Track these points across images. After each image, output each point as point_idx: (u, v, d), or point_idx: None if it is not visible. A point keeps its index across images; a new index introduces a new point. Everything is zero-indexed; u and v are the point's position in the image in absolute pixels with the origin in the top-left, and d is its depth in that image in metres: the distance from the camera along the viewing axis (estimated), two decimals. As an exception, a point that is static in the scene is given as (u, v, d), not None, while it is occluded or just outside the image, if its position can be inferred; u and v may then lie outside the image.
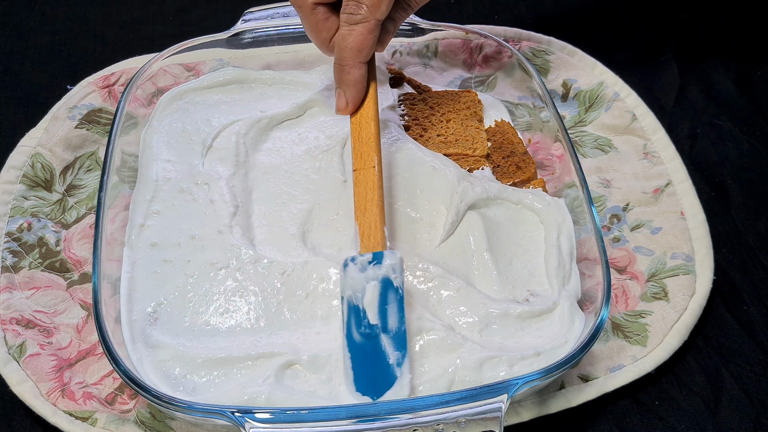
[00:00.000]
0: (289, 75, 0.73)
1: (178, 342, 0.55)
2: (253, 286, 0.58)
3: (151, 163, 0.65)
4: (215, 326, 0.57)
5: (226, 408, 0.48)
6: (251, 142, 0.67)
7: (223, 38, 0.72)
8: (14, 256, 0.64)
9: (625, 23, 0.87)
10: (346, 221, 0.62)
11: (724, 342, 0.63)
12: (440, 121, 0.72)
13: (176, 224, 0.61)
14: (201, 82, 0.72)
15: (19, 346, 0.59)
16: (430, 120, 0.72)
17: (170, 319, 0.57)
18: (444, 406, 0.48)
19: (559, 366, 0.51)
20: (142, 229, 0.61)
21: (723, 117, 0.78)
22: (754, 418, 0.59)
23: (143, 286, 0.58)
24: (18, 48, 0.82)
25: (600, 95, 0.76)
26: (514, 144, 0.71)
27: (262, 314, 0.57)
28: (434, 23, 0.74)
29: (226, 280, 0.58)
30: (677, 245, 0.66)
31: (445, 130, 0.71)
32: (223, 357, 0.54)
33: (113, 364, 0.51)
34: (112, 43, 0.83)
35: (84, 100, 0.73)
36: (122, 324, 0.56)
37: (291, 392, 0.52)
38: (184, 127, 0.68)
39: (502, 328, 0.57)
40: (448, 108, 0.73)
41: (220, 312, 0.57)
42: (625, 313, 0.62)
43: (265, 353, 0.54)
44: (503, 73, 0.76)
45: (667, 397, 0.60)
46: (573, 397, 0.58)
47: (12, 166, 0.68)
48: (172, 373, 0.54)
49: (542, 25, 0.82)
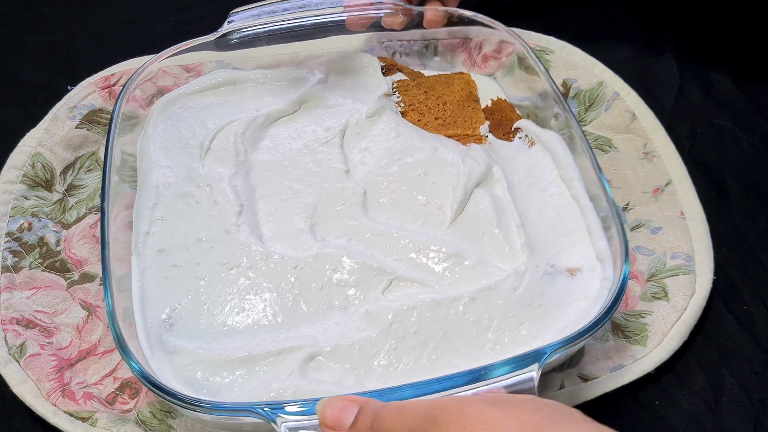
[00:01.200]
0: (280, 72, 0.73)
1: (196, 345, 0.55)
2: (267, 282, 0.58)
3: (150, 171, 0.65)
4: (232, 326, 0.57)
5: (256, 405, 0.47)
6: (249, 141, 0.67)
7: (224, 38, 0.71)
8: (15, 256, 0.64)
9: (625, 23, 0.87)
10: (353, 210, 0.62)
11: (724, 342, 0.63)
12: (436, 105, 0.72)
13: (182, 228, 0.61)
14: (192, 86, 0.72)
15: (20, 346, 0.59)
16: (426, 104, 0.72)
17: (186, 323, 0.57)
18: (476, 382, 0.48)
19: (586, 331, 0.51)
20: (147, 236, 0.61)
21: (723, 117, 0.78)
22: (754, 418, 0.59)
23: (155, 293, 0.58)
24: (18, 48, 0.82)
25: (600, 95, 0.76)
26: (513, 120, 0.71)
27: (279, 310, 0.57)
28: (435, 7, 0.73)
29: (239, 279, 0.58)
30: (677, 245, 0.66)
31: (442, 112, 0.71)
32: (243, 356, 0.54)
33: (139, 376, 0.50)
34: (112, 43, 0.83)
35: (84, 101, 0.73)
36: (138, 332, 0.56)
37: (317, 384, 0.53)
38: (180, 132, 0.68)
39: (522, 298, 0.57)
40: (443, 90, 0.73)
41: (235, 312, 0.57)
42: (625, 313, 0.62)
43: (286, 348, 0.54)
44: (502, 72, 0.76)
45: (667, 396, 0.60)
46: (573, 397, 0.58)
47: (12, 166, 0.68)
48: (194, 377, 0.54)
49: (542, 25, 0.82)
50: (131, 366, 0.50)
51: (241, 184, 0.64)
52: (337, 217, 0.62)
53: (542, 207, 0.63)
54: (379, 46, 0.77)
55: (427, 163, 0.65)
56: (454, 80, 0.74)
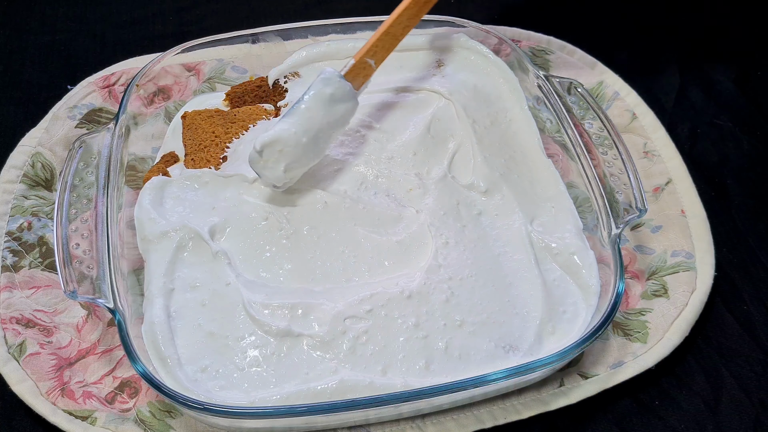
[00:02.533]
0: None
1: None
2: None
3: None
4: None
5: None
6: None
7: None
8: (14, 255, 0.64)
9: (625, 23, 0.87)
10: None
11: (724, 342, 0.63)
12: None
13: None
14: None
15: (19, 346, 0.58)
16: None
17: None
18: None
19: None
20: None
21: (723, 117, 0.78)
22: (754, 418, 0.59)
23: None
24: (18, 48, 0.82)
25: (600, 94, 0.76)
26: None
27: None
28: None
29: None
30: (678, 243, 0.66)
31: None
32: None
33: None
34: (112, 43, 0.83)
35: (84, 100, 0.73)
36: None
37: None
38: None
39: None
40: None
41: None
42: (626, 312, 0.62)
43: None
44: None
45: (667, 396, 0.60)
46: (573, 394, 0.58)
47: (12, 165, 0.68)
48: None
49: (542, 25, 0.82)
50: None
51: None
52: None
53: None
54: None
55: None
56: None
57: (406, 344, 0.56)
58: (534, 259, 0.61)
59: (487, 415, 0.57)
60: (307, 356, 0.55)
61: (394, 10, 0.66)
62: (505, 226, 0.63)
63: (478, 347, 0.56)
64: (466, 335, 0.57)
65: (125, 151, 0.65)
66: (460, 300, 0.58)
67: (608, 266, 0.58)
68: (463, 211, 0.63)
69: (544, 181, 0.67)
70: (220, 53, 0.74)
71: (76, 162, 0.61)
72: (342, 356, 0.55)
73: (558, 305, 0.59)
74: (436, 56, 0.75)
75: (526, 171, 0.67)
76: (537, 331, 0.58)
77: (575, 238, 0.62)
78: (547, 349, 0.57)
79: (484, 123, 0.70)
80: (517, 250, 0.62)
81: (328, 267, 0.60)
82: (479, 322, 0.57)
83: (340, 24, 0.74)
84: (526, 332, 0.58)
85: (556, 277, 0.61)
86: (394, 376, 0.54)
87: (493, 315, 0.58)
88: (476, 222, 0.63)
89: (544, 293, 0.59)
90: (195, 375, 0.54)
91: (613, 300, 0.55)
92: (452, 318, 0.57)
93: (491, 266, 0.61)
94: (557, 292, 0.60)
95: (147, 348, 0.55)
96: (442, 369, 0.55)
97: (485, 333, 0.57)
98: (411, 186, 0.64)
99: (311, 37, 0.74)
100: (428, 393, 0.50)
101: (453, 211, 0.63)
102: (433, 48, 0.75)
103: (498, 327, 0.58)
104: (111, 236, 0.57)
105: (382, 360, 0.55)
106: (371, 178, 0.65)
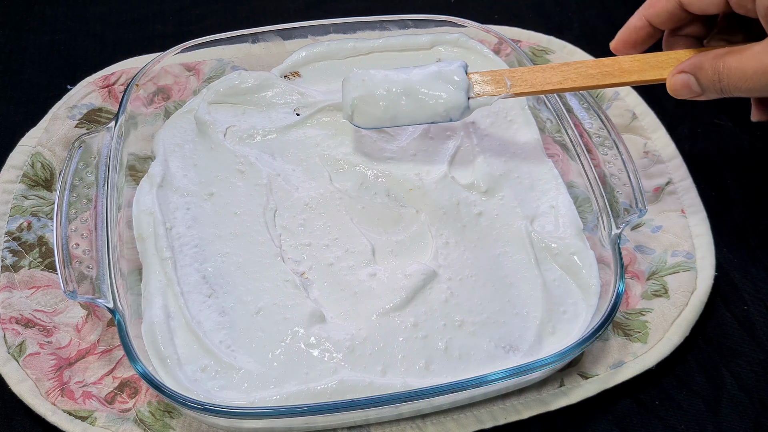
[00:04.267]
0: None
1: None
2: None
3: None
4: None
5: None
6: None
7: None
8: (14, 255, 0.64)
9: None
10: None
11: (724, 342, 0.63)
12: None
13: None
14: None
15: (19, 345, 0.58)
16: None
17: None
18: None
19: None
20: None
21: (723, 117, 0.78)
22: (754, 418, 0.59)
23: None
24: (18, 48, 0.82)
25: (600, 94, 0.76)
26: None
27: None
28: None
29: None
30: (678, 243, 0.66)
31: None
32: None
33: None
34: (112, 43, 0.83)
35: (84, 100, 0.73)
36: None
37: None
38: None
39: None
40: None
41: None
42: (626, 312, 0.62)
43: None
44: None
45: (667, 397, 0.60)
46: (573, 394, 0.58)
47: (12, 165, 0.68)
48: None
49: (542, 25, 0.82)
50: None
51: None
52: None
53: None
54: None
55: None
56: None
57: (406, 344, 0.55)
58: (534, 259, 0.61)
59: (487, 415, 0.57)
60: (307, 356, 0.55)
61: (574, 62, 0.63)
62: (505, 226, 0.63)
63: (478, 347, 0.56)
64: (466, 335, 0.57)
65: (125, 151, 0.65)
66: (460, 300, 0.58)
67: (608, 266, 0.58)
68: (463, 211, 0.63)
69: (544, 181, 0.67)
70: (219, 53, 0.73)
71: (75, 162, 0.61)
72: (341, 356, 0.55)
73: (558, 305, 0.59)
74: (436, 56, 0.75)
75: (526, 171, 0.67)
76: (537, 332, 0.58)
77: (575, 238, 0.62)
78: (547, 350, 0.57)
79: (484, 123, 0.70)
80: (517, 250, 0.62)
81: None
82: (479, 322, 0.57)
83: (340, 24, 0.74)
84: (526, 332, 0.58)
85: (556, 277, 0.61)
86: (393, 376, 0.54)
87: (493, 315, 0.58)
88: (476, 222, 0.63)
89: (544, 293, 0.59)
90: (195, 375, 0.54)
91: (613, 300, 0.55)
92: (452, 318, 0.57)
93: (491, 266, 0.61)
94: (557, 292, 0.60)
95: (147, 348, 0.55)
96: (442, 369, 0.55)
97: (485, 333, 0.57)
98: (411, 186, 0.64)
99: (311, 37, 0.74)
100: (428, 393, 0.50)
101: (453, 211, 0.63)
102: (433, 48, 0.75)
103: (498, 327, 0.57)
104: (111, 236, 0.57)
105: (381, 360, 0.55)
106: (371, 178, 0.65)
